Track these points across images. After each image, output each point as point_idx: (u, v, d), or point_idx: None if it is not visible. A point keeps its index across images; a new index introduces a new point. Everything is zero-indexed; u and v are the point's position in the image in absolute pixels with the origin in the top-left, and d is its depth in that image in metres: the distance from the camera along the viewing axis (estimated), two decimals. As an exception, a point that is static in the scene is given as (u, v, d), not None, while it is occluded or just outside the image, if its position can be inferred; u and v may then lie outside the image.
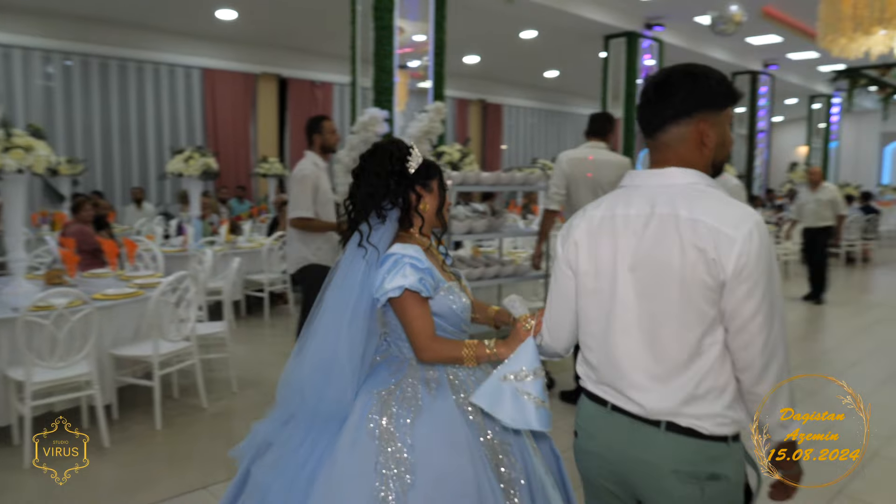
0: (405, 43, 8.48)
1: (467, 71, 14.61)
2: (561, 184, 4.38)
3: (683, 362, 1.41)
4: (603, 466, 1.55)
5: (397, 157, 1.87)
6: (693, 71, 1.52)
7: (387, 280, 1.76)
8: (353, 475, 1.70)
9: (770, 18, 11.87)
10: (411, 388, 1.81)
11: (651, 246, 1.44)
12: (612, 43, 11.98)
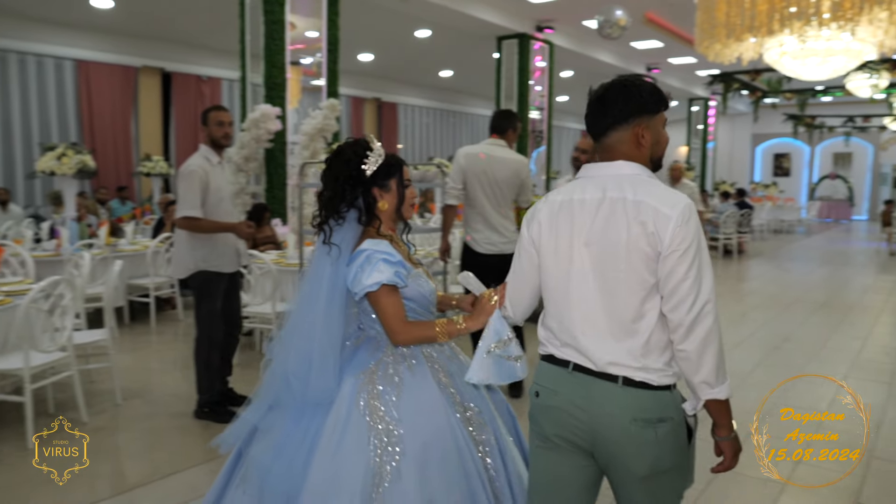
0: (297, 39, 8.27)
1: (362, 69, 14.47)
2: (458, 179, 4.39)
3: (630, 323, 1.66)
4: (565, 420, 1.73)
5: (353, 161, 1.99)
6: (627, 83, 1.73)
7: (363, 276, 1.91)
8: (349, 451, 1.85)
9: (652, 24, 12.45)
10: (392, 367, 1.98)
11: (603, 224, 1.68)
12: (504, 44, 12.20)
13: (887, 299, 8.45)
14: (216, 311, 4.10)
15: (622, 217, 1.65)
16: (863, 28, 6.36)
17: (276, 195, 7.68)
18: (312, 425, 1.95)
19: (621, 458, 1.69)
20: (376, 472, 1.84)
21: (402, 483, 1.83)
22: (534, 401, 1.81)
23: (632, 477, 1.70)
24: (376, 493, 1.83)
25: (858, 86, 12.09)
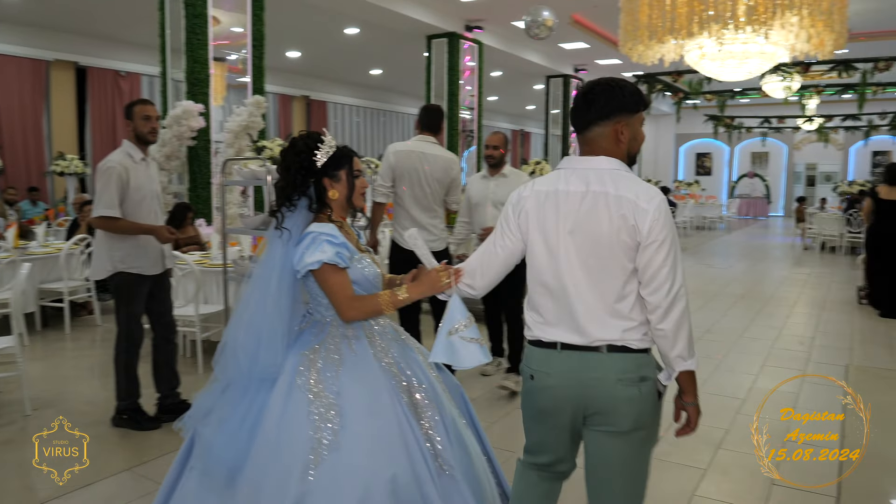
0: (221, 34, 8.05)
1: (290, 66, 14.23)
2: (388, 177, 4.32)
3: (613, 304, 1.87)
4: (560, 394, 1.93)
5: (305, 152, 2.11)
6: (611, 83, 1.92)
7: (306, 255, 2.03)
8: (290, 424, 1.96)
9: (579, 26, 12.68)
10: (334, 346, 2.09)
11: (587, 215, 1.86)
12: (434, 43, 12.19)
13: (801, 291, 8.85)
14: (135, 315, 3.93)
15: (604, 210, 1.85)
16: (775, 32, 6.61)
17: (199, 195, 7.45)
18: (257, 400, 2.05)
19: (609, 416, 1.90)
20: (316, 444, 1.93)
21: (340, 453, 1.93)
22: (529, 383, 2.01)
23: (616, 433, 1.90)
24: (315, 463, 1.92)
25: (773, 88, 12.61)
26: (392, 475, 1.93)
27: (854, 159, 22.63)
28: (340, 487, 1.90)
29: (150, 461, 3.46)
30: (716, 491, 3.18)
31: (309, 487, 1.90)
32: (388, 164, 4.33)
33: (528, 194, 1.98)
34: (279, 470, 1.93)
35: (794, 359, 5.50)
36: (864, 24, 11.88)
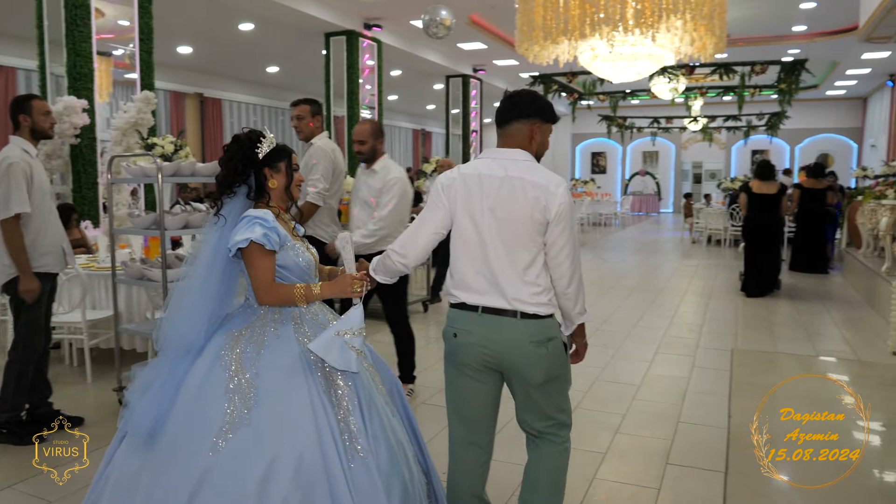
0: (106, 27, 7.64)
1: (182, 62, 13.67)
2: (330, 178, 4.47)
3: (523, 272, 2.24)
4: (481, 350, 2.28)
5: (248, 144, 2.27)
6: (534, 94, 2.35)
7: (237, 234, 2.16)
8: (207, 396, 2.10)
9: (476, 26, 12.86)
10: (260, 329, 2.22)
11: (505, 196, 2.23)
12: (332, 41, 12.03)
13: (690, 282, 9.33)
14: (38, 320, 3.70)
15: (521, 192, 2.21)
16: (662, 35, 6.94)
17: (85, 195, 7.04)
18: (177, 372, 2.18)
19: (524, 371, 2.28)
20: (230, 419, 2.05)
21: (250, 429, 2.04)
22: (452, 341, 2.34)
23: (532, 384, 2.30)
24: (226, 437, 2.03)
25: (661, 89, 13.25)
26: (299, 453, 2.01)
27: (736, 157, 24.08)
28: (246, 461, 2.00)
29: (32, 478, 3.23)
30: (615, 473, 3.30)
31: (216, 459, 2.01)
32: (333, 162, 4.50)
33: (455, 176, 2.32)
34: (193, 438, 2.05)
35: (685, 345, 5.79)
36: (741, 30, 12.67)
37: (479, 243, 2.26)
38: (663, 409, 4.22)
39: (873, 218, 8.22)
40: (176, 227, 3.96)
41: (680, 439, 3.73)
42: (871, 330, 6.35)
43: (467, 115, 17.05)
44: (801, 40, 13.49)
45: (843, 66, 16.69)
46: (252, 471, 1.98)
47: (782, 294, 8.26)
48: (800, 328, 6.46)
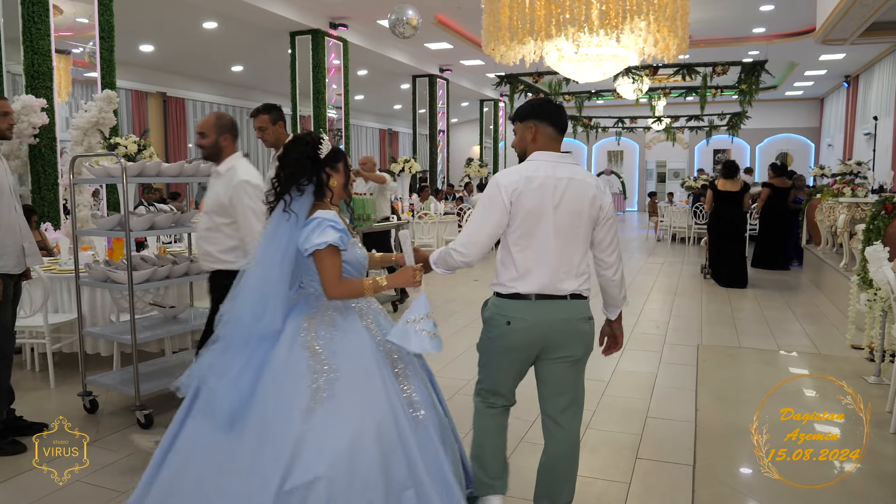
0: (64, 25, 7.48)
1: (144, 61, 13.43)
2: None
3: (577, 264, 2.52)
4: (530, 333, 2.51)
5: (311, 145, 2.46)
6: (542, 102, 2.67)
7: (313, 237, 2.35)
8: (292, 374, 2.32)
9: (443, 26, 12.87)
10: (328, 315, 2.44)
11: (568, 194, 2.47)
12: (298, 40, 11.95)
13: (655, 279, 9.46)
14: (5, 324, 3.60)
15: (583, 192, 2.49)
16: (626, 36, 7.02)
17: (45, 196, 6.89)
18: (257, 354, 2.37)
19: (569, 347, 2.54)
20: (314, 392, 2.28)
21: (335, 400, 2.28)
22: (505, 327, 2.53)
23: (573, 359, 2.56)
24: (313, 408, 2.26)
25: (625, 90, 13.40)
26: (377, 422, 2.27)
27: (698, 157, 24.49)
28: (335, 429, 2.24)
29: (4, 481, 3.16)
30: (586, 468, 3.33)
31: (308, 428, 2.23)
32: None
33: (518, 178, 2.48)
34: (284, 411, 2.27)
35: (652, 342, 5.88)
36: (703, 31, 12.90)
37: (541, 239, 2.47)
38: (632, 404, 4.28)
39: (831, 215, 8.44)
40: (141, 228, 3.89)
41: (648, 434, 3.79)
42: (830, 324, 6.52)
43: (434, 114, 17.06)
44: (760, 42, 13.79)
45: (801, 68, 17.10)
46: (340, 438, 2.22)
47: (745, 290, 8.43)
48: (762, 323, 6.60)
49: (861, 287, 5.23)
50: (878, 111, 14.59)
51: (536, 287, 2.49)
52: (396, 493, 2.25)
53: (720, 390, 4.60)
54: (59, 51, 7.25)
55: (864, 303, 4.98)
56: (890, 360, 4.67)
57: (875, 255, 4.21)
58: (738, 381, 4.83)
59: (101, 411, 3.87)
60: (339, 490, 2.17)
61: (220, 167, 3.59)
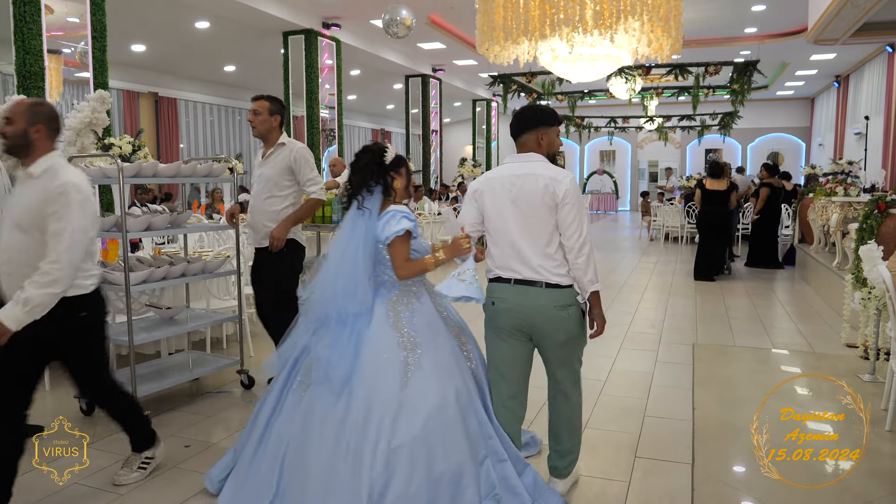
0: (56, 24, 7.44)
1: (135, 60, 13.38)
2: None
3: (544, 248, 2.81)
4: (514, 315, 2.87)
5: (378, 152, 2.94)
6: (534, 106, 3.00)
7: (391, 226, 2.81)
8: (385, 350, 2.78)
9: (436, 26, 12.87)
10: (406, 297, 2.91)
11: (522, 188, 2.82)
12: (291, 40, 11.91)
13: (649, 278, 9.49)
14: None
15: (535, 184, 2.79)
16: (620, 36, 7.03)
17: (37, 197, 6.83)
18: (355, 329, 2.82)
19: (549, 333, 2.86)
20: (405, 364, 2.75)
21: (422, 370, 2.76)
22: (491, 308, 2.93)
23: (555, 343, 2.88)
24: (406, 379, 2.73)
25: (618, 89, 13.44)
26: (455, 387, 2.79)
27: (690, 156, 24.58)
28: (425, 395, 2.71)
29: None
30: (585, 467, 3.34)
31: (406, 392, 2.70)
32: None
33: (483, 181, 2.97)
34: (384, 382, 2.72)
35: (647, 341, 5.89)
36: (696, 31, 12.94)
37: (506, 229, 2.85)
38: (629, 403, 4.29)
39: (824, 214, 8.48)
40: (138, 228, 3.87)
41: (647, 432, 3.80)
42: (824, 323, 6.55)
43: (427, 114, 17.05)
44: (752, 42, 13.84)
45: (792, 68, 17.19)
46: (430, 402, 2.71)
47: (739, 289, 8.48)
48: (757, 322, 6.63)
49: (855, 286, 5.27)
50: (869, 111, 14.68)
51: (511, 273, 2.86)
52: (475, 443, 2.78)
53: (716, 389, 4.62)
54: (50, 51, 7.21)
55: (858, 301, 5.01)
56: (885, 358, 4.70)
57: (869, 254, 4.24)
58: (733, 380, 4.85)
59: (97, 413, 3.84)
60: (433, 445, 2.66)
61: (32, 168, 2.85)
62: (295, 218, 4.24)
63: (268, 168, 4.28)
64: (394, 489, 2.58)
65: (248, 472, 2.87)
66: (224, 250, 5.30)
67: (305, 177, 4.26)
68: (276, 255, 4.21)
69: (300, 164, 4.24)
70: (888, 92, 13.51)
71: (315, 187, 4.30)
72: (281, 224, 4.19)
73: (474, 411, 2.84)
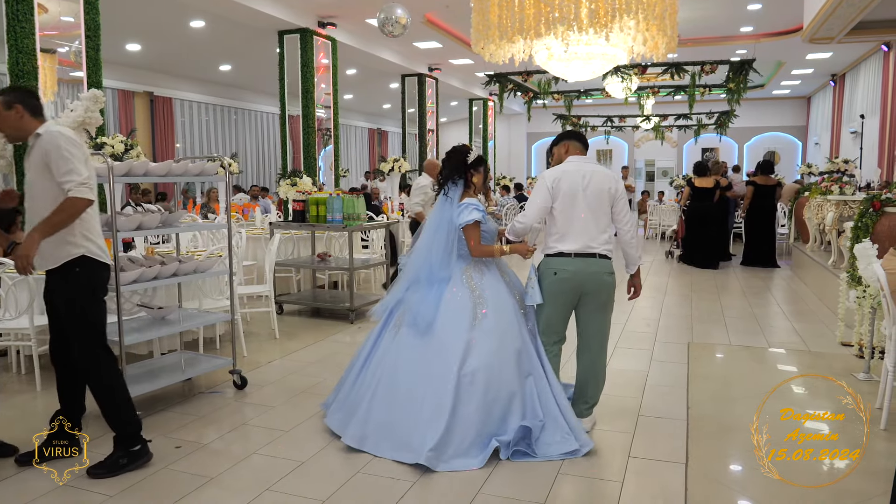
0: (49, 24, 7.39)
1: (130, 60, 13.33)
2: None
3: (603, 230, 3.59)
4: (573, 282, 3.56)
5: (462, 152, 3.74)
6: (562, 133, 3.88)
7: (464, 215, 3.59)
8: (460, 303, 3.57)
9: (432, 25, 12.84)
10: (477, 265, 3.69)
11: (592, 180, 3.57)
12: (286, 39, 11.88)
13: (645, 277, 9.48)
14: None
15: (601, 178, 3.61)
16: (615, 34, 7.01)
17: (30, 197, 6.79)
18: (440, 289, 3.65)
19: (597, 295, 3.61)
20: (474, 314, 3.54)
21: (487, 320, 3.54)
22: (552, 277, 3.59)
23: (599, 305, 3.64)
24: (475, 323, 3.52)
25: (614, 88, 13.42)
26: (512, 335, 3.55)
27: (687, 155, 24.57)
28: (489, 339, 3.49)
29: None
30: (579, 468, 3.32)
31: (473, 335, 3.49)
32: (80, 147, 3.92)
33: (558, 172, 3.63)
34: (457, 327, 3.51)
35: (643, 339, 5.88)
36: (691, 30, 12.93)
37: (576, 212, 3.55)
38: (624, 402, 4.28)
39: (819, 213, 8.48)
40: (129, 228, 3.85)
41: (641, 432, 3.78)
42: (819, 321, 6.54)
43: (423, 114, 17.01)
44: (748, 41, 13.83)
45: (788, 67, 17.18)
46: (492, 344, 3.47)
47: (735, 288, 8.47)
48: (752, 321, 6.62)
49: (850, 284, 5.26)
50: (865, 110, 14.68)
51: (574, 247, 3.54)
52: (523, 374, 3.51)
53: (711, 388, 4.61)
54: (44, 50, 7.17)
55: (853, 300, 5.00)
56: (879, 356, 4.69)
57: (864, 252, 4.22)
58: (728, 379, 4.84)
59: (88, 415, 3.80)
60: (493, 374, 3.42)
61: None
62: (46, 227, 3.10)
63: (28, 170, 3.32)
64: (460, 405, 3.35)
65: (350, 393, 3.72)
66: (217, 250, 5.27)
67: (59, 170, 3.15)
68: (61, 276, 3.28)
69: (52, 155, 3.16)
70: (884, 90, 13.51)
71: (72, 183, 3.13)
72: (28, 238, 3.07)
73: (527, 354, 3.56)
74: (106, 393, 3.33)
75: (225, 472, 3.27)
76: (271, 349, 5.56)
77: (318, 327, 6.39)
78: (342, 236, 8.12)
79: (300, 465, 3.35)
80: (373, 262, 7.39)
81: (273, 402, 4.29)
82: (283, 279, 7.93)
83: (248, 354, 5.29)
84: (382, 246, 8.01)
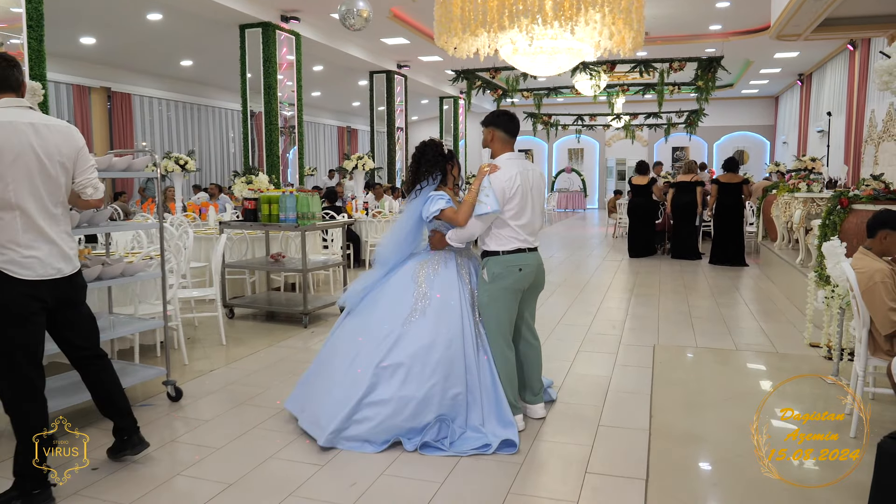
0: (-6, 14, 7.01)
1: (85, 54, 12.86)
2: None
3: (542, 222, 3.87)
4: (533, 276, 3.75)
5: (440, 146, 3.83)
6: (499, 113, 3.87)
7: (429, 207, 3.67)
8: (403, 295, 3.65)
9: (398, 21, 12.56)
10: (434, 262, 3.73)
11: (533, 177, 3.76)
12: (248, 33, 11.53)
13: (613, 277, 9.31)
14: None
15: (538, 175, 3.83)
16: (581, 28, 6.81)
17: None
18: (388, 276, 3.79)
19: (540, 284, 3.87)
20: (413, 310, 3.58)
21: (425, 318, 3.56)
22: (518, 274, 3.66)
23: (537, 292, 3.91)
24: (410, 318, 3.56)
25: (583, 86, 13.26)
26: (449, 338, 3.51)
27: (657, 154, 24.58)
28: (420, 335, 3.50)
29: None
30: (532, 486, 3.10)
31: (404, 330, 3.53)
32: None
33: (514, 174, 3.64)
34: (392, 317, 3.58)
35: (608, 342, 5.68)
36: (660, 28, 12.83)
37: (530, 210, 3.70)
38: (583, 411, 4.05)
39: (787, 211, 8.37)
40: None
41: (600, 445, 3.55)
42: (787, 322, 6.40)
43: (392, 111, 16.73)
44: (717, 39, 13.78)
45: (756, 66, 17.20)
46: (423, 340, 3.49)
47: (703, 287, 8.32)
48: (720, 322, 6.46)
49: (818, 284, 5.10)
50: (831, 108, 14.71)
51: (529, 243, 3.69)
52: (449, 387, 3.45)
53: (676, 393, 4.41)
54: (-12, 42, 6.79)
55: (821, 300, 4.84)
56: (848, 358, 4.53)
57: (832, 250, 4.06)
58: (694, 384, 4.65)
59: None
60: (413, 373, 3.44)
61: None
62: None
63: None
64: (373, 395, 3.43)
65: (305, 378, 3.89)
66: (154, 251, 4.94)
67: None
68: None
69: None
70: (850, 89, 13.54)
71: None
72: None
73: (463, 364, 3.51)
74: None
75: (142, 498, 2.97)
76: (217, 356, 5.25)
77: (269, 332, 6.09)
78: (299, 236, 7.82)
79: (227, 487, 3.06)
80: (331, 263, 7.09)
81: (208, 414, 3.98)
82: (237, 281, 7.60)
83: (191, 362, 4.98)
84: (342, 247, 7.73)
